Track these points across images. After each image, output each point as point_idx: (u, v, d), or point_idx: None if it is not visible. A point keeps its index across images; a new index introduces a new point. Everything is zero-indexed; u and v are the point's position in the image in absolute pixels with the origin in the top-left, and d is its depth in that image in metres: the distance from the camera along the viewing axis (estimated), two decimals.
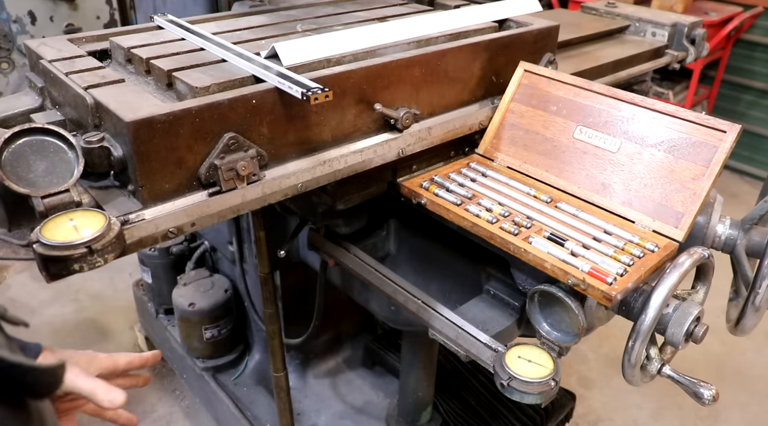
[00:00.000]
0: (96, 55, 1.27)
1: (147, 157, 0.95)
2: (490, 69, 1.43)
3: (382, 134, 1.27)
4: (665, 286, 1.04)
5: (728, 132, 1.19)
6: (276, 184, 1.10)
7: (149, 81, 1.17)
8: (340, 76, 1.16)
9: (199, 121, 0.99)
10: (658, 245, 1.15)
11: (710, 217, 1.24)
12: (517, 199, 1.29)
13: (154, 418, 2.63)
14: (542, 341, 1.22)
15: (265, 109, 1.06)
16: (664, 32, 2.02)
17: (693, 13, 3.93)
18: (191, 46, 1.25)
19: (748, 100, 4.49)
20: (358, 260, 1.50)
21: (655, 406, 2.76)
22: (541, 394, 1.12)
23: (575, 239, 1.17)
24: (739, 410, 2.75)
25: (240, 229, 2.21)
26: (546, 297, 1.17)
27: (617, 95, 1.32)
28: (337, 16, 1.55)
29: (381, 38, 1.31)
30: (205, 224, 1.03)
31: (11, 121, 1.15)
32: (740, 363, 3.01)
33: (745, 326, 1.22)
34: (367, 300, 1.67)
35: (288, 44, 1.18)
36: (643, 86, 2.07)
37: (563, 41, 1.74)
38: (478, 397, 2.25)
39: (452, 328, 1.30)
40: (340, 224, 1.53)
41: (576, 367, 2.97)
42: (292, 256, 1.88)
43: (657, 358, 1.12)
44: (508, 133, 1.43)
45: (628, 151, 1.27)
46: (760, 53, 4.33)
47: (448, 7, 1.64)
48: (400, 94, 1.27)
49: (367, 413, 2.33)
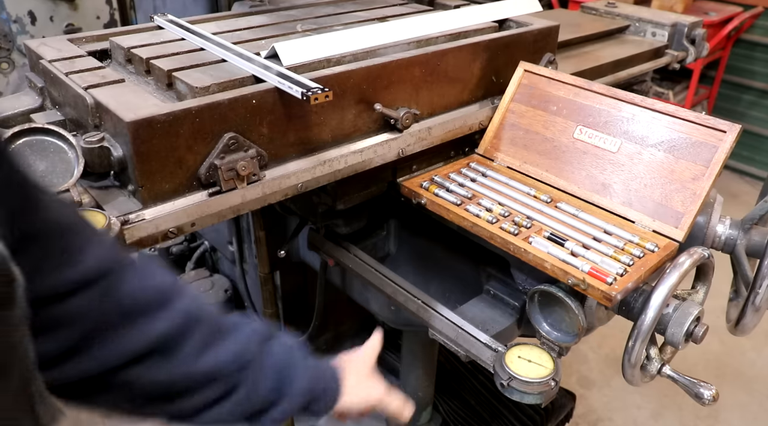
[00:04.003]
0: (96, 55, 1.27)
1: (147, 157, 0.95)
2: (490, 69, 1.43)
3: (382, 134, 1.27)
4: (665, 286, 1.04)
5: (728, 132, 1.19)
6: (276, 184, 1.10)
7: (149, 81, 1.17)
8: (340, 76, 1.16)
9: (199, 121, 0.99)
10: (658, 245, 1.15)
11: (710, 217, 1.24)
12: (517, 199, 1.29)
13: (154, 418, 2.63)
14: (542, 341, 1.22)
15: (265, 109, 1.06)
16: (664, 32, 2.02)
17: (693, 13, 3.93)
18: (191, 46, 1.25)
19: (748, 100, 4.49)
20: (358, 260, 1.50)
21: (655, 406, 2.76)
22: (541, 394, 1.12)
23: (575, 239, 1.17)
24: (739, 410, 2.75)
25: (240, 229, 2.20)
26: (546, 297, 1.17)
27: (617, 95, 1.32)
28: (337, 16, 1.55)
29: (381, 38, 1.31)
30: (205, 224, 1.03)
31: (11, 121, 1.15)
32: (740, 363, 3.01)
33: (745, 326, 1.22)
34: (367, 300, 1.67)
35: (288, 44, 1.18)
36: (643, 86, 2.07)
37: (563, 41, 1.74)
38: (478, 397, 2.25)
39: (452, 328, 1.30)
40: (340, 224, 1.53)
41: (576, 367, 2.97)
42: (292, 256, 1.87)
43: (657, 358, 1.12)
44: (508, 133, 1.43)
45: (628, 151, 1.27)
46: (760, 53, 4.33)
47: (448, 7, 1.64)
48: (400, 94, 1.27)
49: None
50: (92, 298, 0.69)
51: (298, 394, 0.87)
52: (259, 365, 0.84)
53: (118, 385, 0.74)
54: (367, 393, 1.00)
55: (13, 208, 0.61)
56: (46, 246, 0.66)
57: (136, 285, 0.75)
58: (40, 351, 0.65)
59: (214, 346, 0.80)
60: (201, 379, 0.79)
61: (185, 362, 0.77)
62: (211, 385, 0.80)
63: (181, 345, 0.77)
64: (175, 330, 0.76)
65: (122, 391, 0.75)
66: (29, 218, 0.64)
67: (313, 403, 0.90)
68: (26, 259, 0.61)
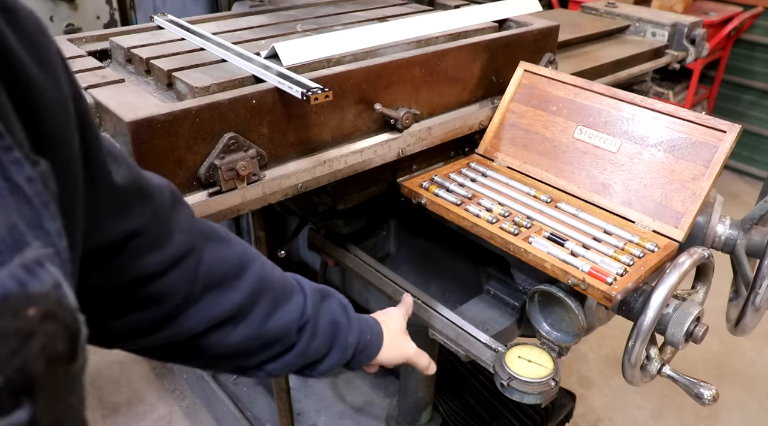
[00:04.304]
0: (96, 55, 1.27)
1: (147, 157, 0.95)
2: (490, 69, 1.43)
3: (382, 134, 1.27)
4: (665, 286, 1.04)
5: (728, 132, 1.19)
6: (276, 184, 1.10)
7: (149, 81, 1.17)
8: (340, 76, 1.16)
9: (199, 121, 0.99)
10: (658, 245, 1.15)
11: (710, 217, 1.24)
12: (517, 199, 1.29)
13: (154, 418, 2.63)
14: (542, 341, 1.22)
15: (265, 109, 1.06)
16: (664, 32, 2.02)
17: (693, 13, 3.93)
18: (191, 46, 1.25)
19: (748, 100, 4.49)
20: (358, 260, 1.50)
21: (655, 406, 2.76)
22: (541, 394, 1.12)
23: (575, 239, 1.17)
24: (739, 410, 2.75)
25: (240, 229, 2.21)
26: (546, 297, 1.17)
27: (617, 95, 1.32)
28: (337, 16, 1.55)
29: (381, 38, 1.31)
30: None
31: None
32: (740, 363, 3.01)
33: (745, 326, 1.22)
34: (367, 300, 1.67)
35: (288, 44, 1.18)
36: (643, 86, 2.07)
37: (563, 41, 1.74)
38: (478, 397, 2.25)
39: (452, 328, 1.30)
40: (340, 224, 1.53)
41: (576, 367, 2.97)
42: (292, 256, 1.88)
43: (657, 358, 1.12)
44: (508, 133, 1.43)
45: (628, 151, 1.27)
46: (760, 53, 4.33)
47: (448, 7, 1.64)
48: (400, 94, 1.27)
49: (367, 413, 2.33)
50: (180, 275, 0.75)
51: (347, 348, 0.97)
52: (316, 323, 0.91)
53: (196, 348, 0.82)
54: (402, 348, 1.11)
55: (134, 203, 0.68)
56: (149, 234, 0.71)
57: (216, 257, 0.80)
58: (131, 324, 0.74)
59: (280, 308, 0.87)
60: (267, 339, 0.86)
61: (255, 325, 0.84)
62: (275, 344, 0.88)
63: (253, 309, 0.84)
64: (249, 297, 0.83)
65: (199, 351, 0.83)
66: (145, 211, 0.70)
67: (356, 355, 1.00)
68: (132, 250, 0.68)
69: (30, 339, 0.35)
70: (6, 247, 0.38)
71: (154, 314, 0.75)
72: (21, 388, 0.35)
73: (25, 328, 0.35)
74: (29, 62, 0.47)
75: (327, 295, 0.97)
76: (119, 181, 0.65)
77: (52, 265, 0.40)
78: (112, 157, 0.66)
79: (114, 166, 0.65)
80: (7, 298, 0.35)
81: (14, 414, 0.35)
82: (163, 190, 0.76)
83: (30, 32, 0.49)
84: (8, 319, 0.35)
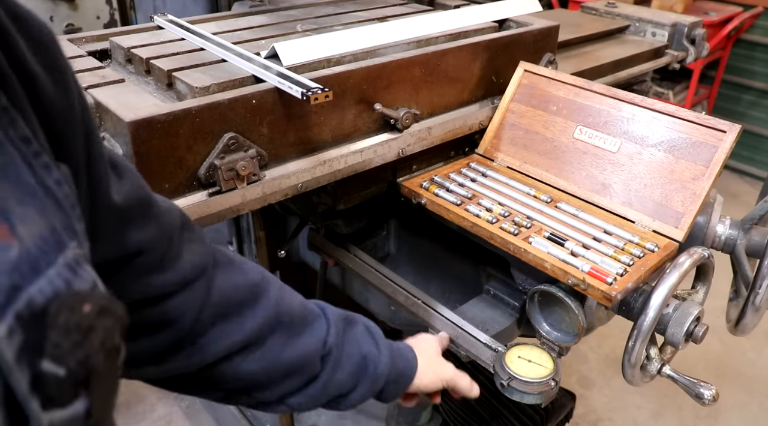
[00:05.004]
0: (96, 55, 1.27)
1: (147, 157, 0.95)
2: (490, 69, 1.43)
3: (382, 134, 1.27)
4: (665, 286, 1.04)
5: (728, 132, 1.19)
6: (276, 184, 1.10)
7: (149, 81, 1.17)
8: (340, 76, 1.16)
9: (199, 121, 0.99)
10: (658, 245, 1.15)
11: (710, 217, 1.24)
12: (517, 199, 1.29)
13: (154, 418, 2.63)
14: (542, 341, 1.22)
15: (265, 109, 1.06)
16: (664, 32, 2.02)
17: (693, 13, 3.93)
18: (191, 46, 1.25)
19: (748, 100, 4.49)
20: (358, 260, 1.50)
21: (655, 406, 2.76)
22: (541, 394, 1.12)
23: (575, 239, 1.17)
24: (739, 410, 2.75)
25: (240, 229, 2.20)
26: (546, 297, 1.17)
27: (617, 95, 1.32)
28: (337, 16, 1.55)
29: (381, 38, 1.31)
30: (205, 224, 1.03)
31: None
32: (740, 363, 3.00)
33: (745, 326, 1.22)
34: (367, 300, 1.67)
35: (288, 44, 1.18)
36: (643, 86, 2.07)
37: (563, 41, 1.74)
38: (478, 397, 2.25)
39: (452, 328, 1.30)
40: (340, 224, 1.53)
41: (576, 367, 2.97)
42: (292, 256, 1.87)
43: (657, 358, 1.12)
44: (508, 133, 1.43)
45: (628, 151, 1.27)
46: (760, 53, 4.33)
47: (448, 7, 1.64)
48: (400, 94, 1.27)
49: (367, 413, 2.33)
50: (189, 298, 0.72)
51: (377, 378, 0.91)
52: (340, 352, 0.86)
53: (210, 378, 0.78)
54: (439, 371, 1.05)
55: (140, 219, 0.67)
56: (154, 252, 0.68)
57: (229, 283, 0.77)
58: (138, 350, 0.70)
59: (299, 336, 0.83)
60: (285, 369, 0.82)
61: (271, 354, 0.80)
62: (295, 375, 0.83)
63: (269, 338, 0.80)
64: (265, 326, 0.80)
65: (213, 382, 0.79)
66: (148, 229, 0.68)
67: (389, 384, 0.93)
68: (136, 268, 0.66)
69: (90, 333, 0.37)
70: (50, 248, 0.39)
71: (163, 338, 0.72)
72: (80, 380, 0.37)
73: (84, 323, 0.37)
74: (40, 71, 0.47)
75: (352, 321, 0.93)
76: (120, 195, 0.63)
77: (87, 263, 0.42)
78: (117, 172, 0.65)
79: (115, 181, 0.63)
80: (59, 295, 0.37)
81: (73, 404, 0.37)
82: (173, 212, 0.74)
83: (41, 41, 0.49)
84: (67, 314, 0.37)
